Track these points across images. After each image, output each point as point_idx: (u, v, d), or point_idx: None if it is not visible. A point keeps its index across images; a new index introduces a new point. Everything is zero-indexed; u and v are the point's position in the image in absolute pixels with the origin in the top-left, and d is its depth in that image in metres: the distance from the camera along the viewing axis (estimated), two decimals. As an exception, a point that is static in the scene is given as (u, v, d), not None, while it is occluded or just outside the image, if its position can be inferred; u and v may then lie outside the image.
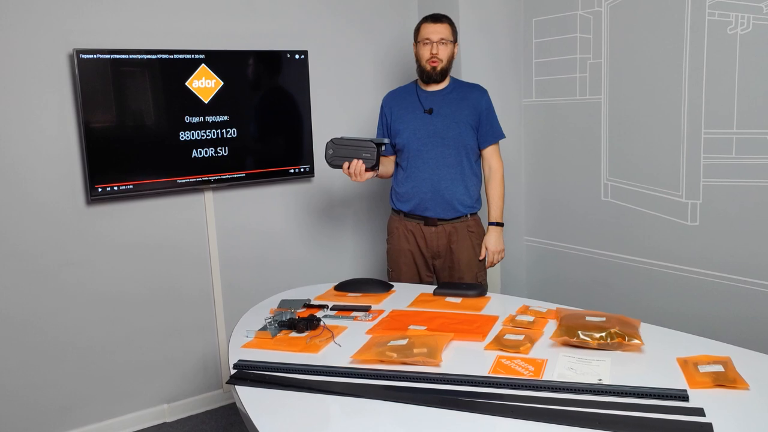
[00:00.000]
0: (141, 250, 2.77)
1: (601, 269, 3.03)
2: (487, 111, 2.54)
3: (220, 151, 2.80)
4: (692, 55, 2.54)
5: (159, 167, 2.69)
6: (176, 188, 2.74)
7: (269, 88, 2.94)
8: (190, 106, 2.71)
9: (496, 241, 2.59)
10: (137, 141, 2.63)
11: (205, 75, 2.73)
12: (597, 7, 2.90)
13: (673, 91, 2.62)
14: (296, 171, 3.03)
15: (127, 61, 2.58)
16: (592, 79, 2.96)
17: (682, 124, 2.61)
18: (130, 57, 2.58)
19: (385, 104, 2.62)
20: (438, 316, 1.97)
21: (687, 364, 1.55)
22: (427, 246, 2.57)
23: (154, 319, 2.84)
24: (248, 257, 3.03)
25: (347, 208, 3.30)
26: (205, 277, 2.94)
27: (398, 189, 2.59)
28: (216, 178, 2.81)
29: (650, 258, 2.82)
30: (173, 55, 2.66)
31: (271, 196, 3.06)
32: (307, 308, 2.10)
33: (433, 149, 2.49)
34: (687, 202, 2.64)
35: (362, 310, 2.06)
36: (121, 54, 2.56)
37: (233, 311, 2.96)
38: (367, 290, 2.28)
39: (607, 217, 2.97)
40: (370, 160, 2.27)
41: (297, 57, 2.95)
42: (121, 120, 2.61)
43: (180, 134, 2.70)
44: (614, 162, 2.92)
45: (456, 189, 2.51)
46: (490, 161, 2.58)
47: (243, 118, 2.85)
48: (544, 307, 2.01)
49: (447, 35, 2.46)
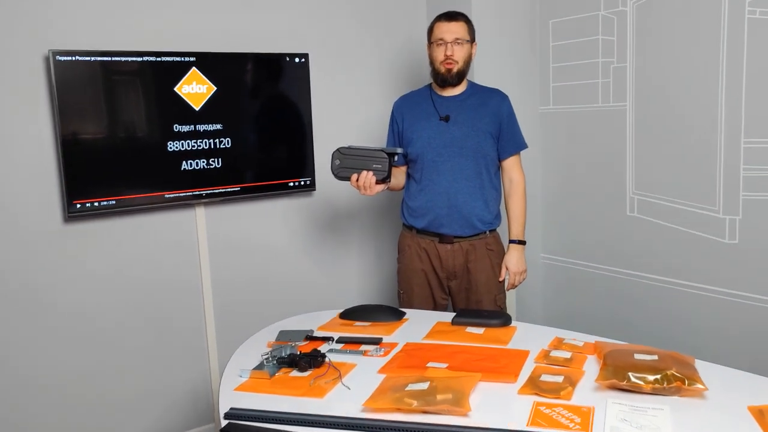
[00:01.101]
0: (124, 272, 2.56)
1: (626, 290, 2.85)
2: (508, 118, 2.35)
3: (213, 163, 2.62)
4: (730, 57, 2.37)
5: (144, 181, 2.50)
6: (164, 204, 2.55)
7: (267, 93, 2.78)
8: (179, 114, 2.53)
9: (518, 261, 2.39)
10: (120, 152, 2.44)
11: (196, 79, 2.55)
12: (621, 6, 2.73)
13: (709, 95, 2.45)
14: (296, 184, 2.85)
15: (110, 63, 2.38)
16: (616, 84, 2.79)
17: (719, 131, 2.44)
18: (113, 59, 2.39)
19: (396, 110, 2.43)
20: (459, 351, 1.75)
21: (763, 416, 1.31)
22: (441, 265, 2.37)
23: (140, 348, 2.62)
24: (244, 279, 2.83)
25: (352, 223, 3.11)
26: (195, 302, 2.72)
27: (411, 203, 2.38)
28: (208, 193, 2.63)
29: (683, 279, 2.64)
30: (161, 57, 2.48)
31: (269, 212, 2.87)
32: (309, 341, 1.88)
33: (450, 160, 2.29)
34: (725, 217, 2.47)
35: (373, 343, 1.84)
36: (102, 56, 2.36)
37: (227, 338, 2.75)
38: (376, 319, 2.06)
39: (633, 234, 2.80)
40: (382, 172, 2.08)
41: (297, 60, 2.78)
42: (103, 129, 2.41)
43: (168, 144, 2.52)
44: (641, 174, 2.74)
45: (475, 204, 2.31)
46: (511, 173, 2.39)
47: (238, 126, 2.67)
48: (579, 340, 1.79)
49: (463, 34, 2.27)
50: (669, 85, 2.58)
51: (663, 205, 2.67)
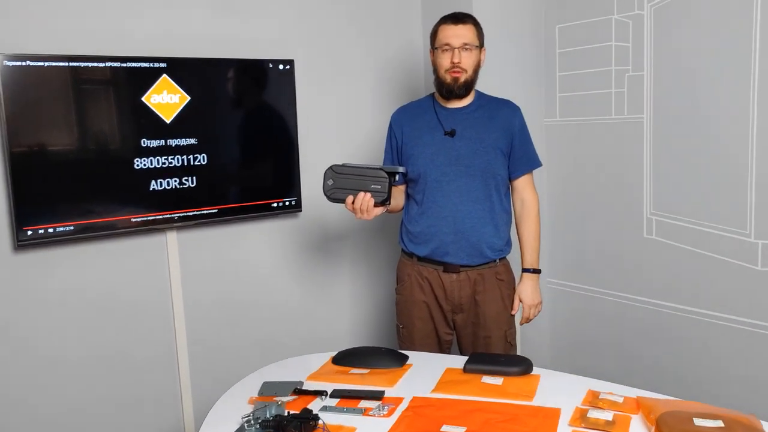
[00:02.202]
0: (84, 305, 2.28)
1: (643, 320, 2.62)
2: (520, 133, 2.12)
3: (186, 182, 2.38)
4: (763, 63, 2.16)
5: (108, 203, 2.25)
6: (130, 228, 2.29)
7: (247, 104, 2.55)
8: (147, 127, 2.29)
9: (533, 292, 2.15)
10: (80, 170, 2.18)
11: (167, 88, 2.31)
12: (638, 9, 2.52)
13: (738, 106, 2.23)
14: (280, 205, 2.62)
15: (67, 70, 2.12)
16: (631, 94, 2.58)
17: (750, 147, 2.22)
18: (71, 65, 2.12)
19: (394, 123, 2.18)
20: (478, 408, 1.50)
21: None
22: (446, 297, 2.12)
23: (103, 390, 2.33)
24: (221, 313, 2.57)
25: (343, 248, 2.88)
26: (167, 338, 2.45)
27: (411, 228, 2.13)
28: (181, 216, 2.39)
29: (709, 309, 2.41)
30: (127, 63, 2.23)
31: (250, 237, 2.63)
32: (298, 395, 1.62)
33: (456, 180, 2.05)
34: (757, 242, 2.25)
35: (374, 398, 1.58)
36: (58, 61, 2.09)
37: (202, 378, 2.49)
38: (375, 364, 1.80)
39: (651, 258, 2.58)
40: (381, 194, 1.87)
41: (281, 67, 2.56)
42: (60, 144, 2.15)
43: (135, 161, 2.28)
44: (660, 193, 2.53)
45: (484, 229, 2.07)
46: (523, 194, 2.16)
47: (214, 141, 2.45)
48: (618, 394, 1.54)
49: (471, 39, 2.03)
50: (692, 95, 2.36)
51: (685, 228, 2.44)
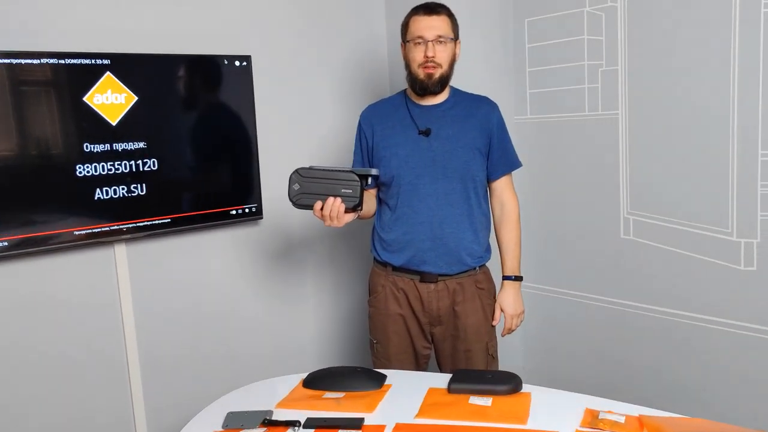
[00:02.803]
0: (21, 330, 2.09)
1: (621, 323, 2.56)
2: (499, 132, 2.03)
3: (135, 190, 2.24)
4: (743, 58, 2.12)
5: (47, 214, 2.08)
6: (73, 242, 2.12)
7: (201, 104, 2.43)
8: (90, 130, 2.14)
9: (515, 301, 2.05)
10: (14, 179, 2.01)
11: (111, 87, 2.15)
12: (611, 2, 2.46)
13: (718, 102, 2.19)
14: (239, 212, 2.49)
15: (2, 67, 1.95)
16: (605, 90, 2.51)
17: (731, 143, 2.18)
18: (3, 62, 1.94)
19: (364, 122, 2.06)
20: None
21: None
22: (423, 309, 2.00)
23: (49, 419, 2.13)
24: (178, 330, 2.41)
25: (308, 257, 2.76)
26: (117, 362, 2.27)
27: (385, 236, 2.01)
28: (130, 227, 2.24)
29: (690, 310, 2.35)
30: (65, 59, 2.06)
31: (207, 247, 2.49)
32: (268, 426, 1.47)
33: (432, 183, 1.94)
34: (739, 241, 2.20)
35: (353, 427, 1.44)
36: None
37: (157, 405, 2.31)
38: (351, 387, 1.67)
39: (629, 259, 2.52)
40: (353, 199, 1.75)
41: (238, 64, 2.44)
42: None
43: (77, 168, 2.12)
44: (637, 192, 2.47)
45: (463, 235, 1.96)
46: (503, 197, 2.06)
47: (166, 144, 2.31)
48: (618, 413, 1.44)
49: (446, 31, 1.93)
50: (669, 90, 2.32)
51: (664, 227, 2.39)
